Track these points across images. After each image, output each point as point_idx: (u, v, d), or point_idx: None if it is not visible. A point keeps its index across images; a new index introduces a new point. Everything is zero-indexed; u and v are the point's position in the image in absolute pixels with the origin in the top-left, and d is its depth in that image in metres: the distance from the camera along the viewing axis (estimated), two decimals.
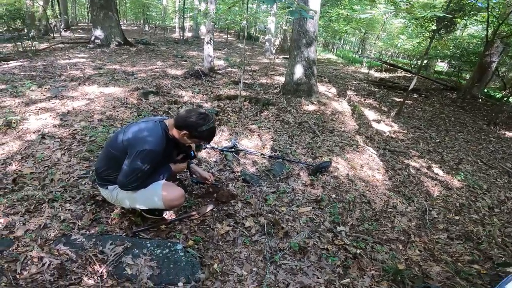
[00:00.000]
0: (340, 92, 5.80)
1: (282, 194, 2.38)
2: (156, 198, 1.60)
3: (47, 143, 2.51)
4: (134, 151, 1.46)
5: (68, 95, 3.71)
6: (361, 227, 2.16)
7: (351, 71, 9.14)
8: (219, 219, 1.99)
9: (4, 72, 4.70)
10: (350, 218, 2.23)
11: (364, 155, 3.29)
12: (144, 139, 1.49)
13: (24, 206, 1.77)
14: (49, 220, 1.70)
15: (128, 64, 6.02)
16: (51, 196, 1.88)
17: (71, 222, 1.72)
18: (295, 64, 4.52)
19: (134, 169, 1.48)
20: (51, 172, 2.13)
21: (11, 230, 1.60)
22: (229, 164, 2.65)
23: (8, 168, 2.13)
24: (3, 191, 1.90)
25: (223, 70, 6.46)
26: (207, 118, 1.56)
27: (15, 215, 1.70)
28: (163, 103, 3.70)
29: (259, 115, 3.83)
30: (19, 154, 2.32)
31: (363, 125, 4.17)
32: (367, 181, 2.82)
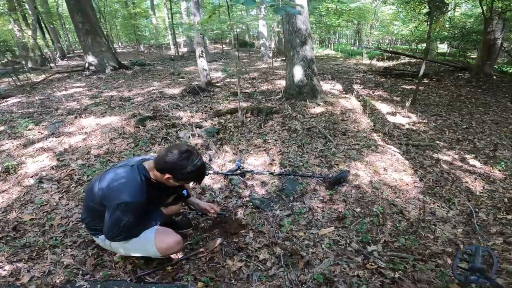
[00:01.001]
0: (346, 88, 5.53)
1: (298, 216, 2.14)
2: (150, 248, 1.47)
3: (45, 187, 2.43)
4: (112, 205, 1.31)
5: (65, 131, 3.60)
6: (396, 243, 1.88)
7: (352, 64, 8.83)
8: (229, 254, 1.79)
9: (2, 111, 4.66)
10: (381, 234, 1.96)
11: (385, 155, 3.01)
12: (120, 191, 1.32)
13: (26, 253, 1.77)
14: (53, 266, 1.67)
15: (125, 89, 5.92)
16: (52, 242, 1.86)
17: (75, 267, 1.67)
18: (293, 66, 4.30)
19: (116, 223, 1.34)
20: (50, 218, 2.10)
21: (17, 277, 1.59)
22: (236, 189, 2.44)
23: (8, 216, 2.13)
24: (5, 239, 1.92)
25: (221, 82, 6.30)
26: (191, 156, 1.36)
27: (19, 262, 1.70)
28: (160, 128, 3.53)
29: (263, 126, 3.61)
30: (18, 201, 2.30)
31: (378, 120, 3.88)
32: (395, 186, 2.52)
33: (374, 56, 10.19)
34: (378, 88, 5.61)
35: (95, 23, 8.02)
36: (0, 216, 2.12)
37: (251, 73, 7.31)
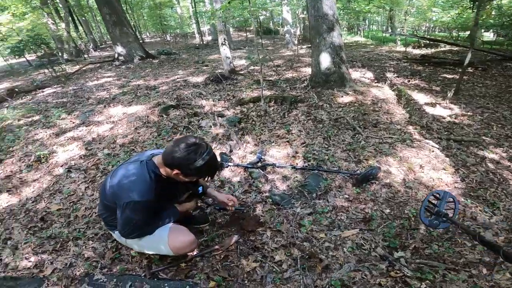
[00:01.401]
0: (377, 76, 5.12)
1: (320, 216, 2.00)
2: (163, 247, 1.44)
3: (73, 176, 2.52)
4: (121, 203, 1.27)
5: (94, 121, 3.73)
6: (427, 250, 1.69)
7: (385, 52, 8.18)
8: (244, 254, 1.72)
9: (38, 101, 4.97)
10: (411, 240, 1.77)
11: (422, 151, 2.72)
12: (128, 189, 1.27)
13: (51, 244, 1.83)
14: (74, 259, 1.72)
15: (151, 78, 6.03)
16: (75, 234, 1.91)
17: (94, 260, 1.70)
18: (319, 53, 4.03)
19: (127, 221, 1.31)
20: (76, 208, 2.16)
21: (41, 269, 1.66)
22: (256, 184, 2.33)
23: (38, 206, 2.22)
24: (33, 229, 1.99)
25: (245, 70, 6.16)
26: (199, 149, 1.26)
27: (44, 253, 1.76)
28: (183, 117, 3.51)
29: (287, 116, 3.44)
30: (48, 190, 2.40)
31: (415, 111, 3.52)
32: (432, 187, 2.26)
33: (409, 44, 9.38)
34: (415, 77, 5.11)
35: (122, 14, 8.19)
36: (31, 205, 2.23)
37: (275, 61, 7.07)
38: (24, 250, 1.78)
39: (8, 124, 3.86)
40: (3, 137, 3.38)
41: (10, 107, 4.67)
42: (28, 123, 3.87)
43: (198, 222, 1.90)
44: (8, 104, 4.99)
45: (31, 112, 4.30)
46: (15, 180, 2.53)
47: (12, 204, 2.24)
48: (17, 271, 1.64)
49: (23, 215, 2.11)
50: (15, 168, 2.72)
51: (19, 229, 1.97)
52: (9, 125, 3.82)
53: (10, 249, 1.80)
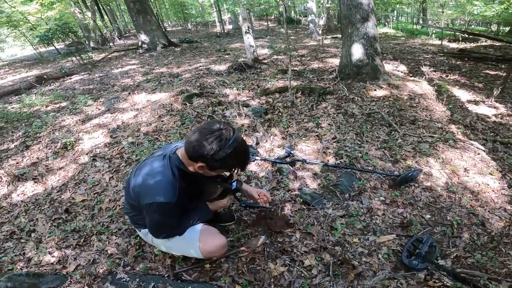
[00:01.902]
0: (412, 70, 4.74)
1: (353, 219, 1.86)
2: (193, 250, 1.33)
3: (98, 165, 2.50)
4: (144, 204, 1.15)
5: (119, 108, 3.73)
6: (470, 259, 1.56)
7: (418, 44, 7.62)
8: (272, 256, 1.63)
9: (66, 88, 5.08)
10: (454, 248, 1.64)
11: (467, 152, 2.46)
12: (150, 190, 1.13)
13: (75, 238, 1.80)
14: (97, 255, 1.67)
15: (174, 65, 6.00)
16: (99, 228, 1.86)
17: (117, 257, 1.65)
18: (351, 44, 3.77)
19: (154, 223, 1.21)
20: (100, 200, 2.12)
21: (64, 265, 1.62)
22: (284, 180, 2.20)
23: (63, 196, 2.20)
24: (57, 221, 1.96)
25: (268, 59, 5.95)
26: (224, 135, 1.04)
27: (67, 248, 1.73)
28: (207, 105, 3.41)
29: (316, 108, 3.24)
30: (73, 179, 2.38)
31: (457, 109, 3.21)
32: (477, 192, 2.05)
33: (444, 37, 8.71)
34: (454, 72, 4.68)
35: (145, 2, 8.19)
36: (56, 195, 2.21)
37: (299, 50, 6.79)
38: (48, 244, 1.76)
39: (36, 110, 3.95)
40: (30, 122, 3.45)
41: (39, 93, 4.79)
42: (56, 109, 3.94)
43: (224, 219, 1.80)
44: (36, 90, 5.13)
45: (58, 98, 4.38)
46: (41, 167, 2.55)
47: (37, 193, 2.24)
48: (40, 267, 1.61)
49: (48, 206, 2.10)
50: (41, 155, 2.74)
51: (43, 220, 1.96)
52: (37, 111, 3.90)
53: (34, 242, 1.78)
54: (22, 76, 7.42)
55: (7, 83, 6.68)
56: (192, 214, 1.35)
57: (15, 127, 3.45)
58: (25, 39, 11.71)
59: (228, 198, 1.48)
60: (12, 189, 2.28)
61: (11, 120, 3.65)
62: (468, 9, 10.08)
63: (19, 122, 3.58)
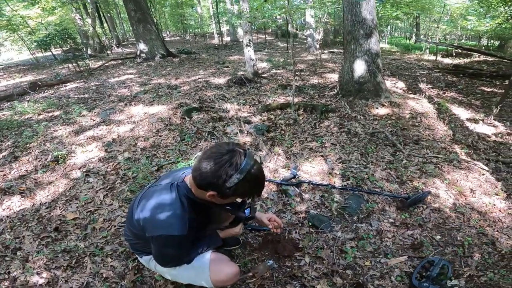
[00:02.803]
0: (410, 87, 4.79)
1: (363, 241, 1.80)
2: (203, 280, 1.21)
3: (91, 181, 2.35)
4: (150, 236, 1.05)
5: (115, 119, 3.60)
6: (483, 277, 1.55)
7: (413, 60, 7.80)
8: (281, 282, 1.54)
9: (60, 96, 4.92)
10: (466, 268, 1.62)
11: (471, 173, 2.43)
12: (159, 223, 1.03)
13: (66, 259, 1.66)
14: (91, 278, 1.55)
15: (172, 77, 5.93)
16: (92, 249, 1.74)
17: (114, 281, 1.53)
18: (354, 60, 3.78)
19: (161, 255, 1.12)
20: (93, 219, 1.97)
21: (54, 287, 1.50)
22: (290, 203, 2.12)
23: (52, 213, 2.05)
24: (46, 240, 1.82)
25: (267, 73, 5.95)
26: (235, 158, 0.92)
27: (57, 269, 1.60)
28: (207, 121, 3.33)
29: (318, 126, 3.19)
30: (64, 195, 2.23)
31: (458, 128, 3.21)
32: (485, 212, 2.04)
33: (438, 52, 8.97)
34: (450, 89, 4.76)
35: (146, 11, 8.21)
36: (44, 212, 2.06)
37: (298, 65, 6.84)
38: (35, 264, 1.62)
39: (28, 118, 3.79)
40: (21, 132, 3.29)
41: (31, 101, 4.63)
42: (48, 118, 3.79)
43: (229, 244, 1.68)
44: (30, 97, 4.97)
45: (52, 107, 4.23)
46: (30, 181, 2.39)
47: (24, 209, 2.09)
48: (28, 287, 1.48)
49: (36, 223, 1.95)
50: (30, 167, 2.59)
51: (30, 238, 1.81)
52: (28, 119, 3.75)
53: (20, 261, 1.63)
54: (16, 81, 7.23)
55: (0, 88, 6.49)
56: (202, 242, 1.23)
57: (4, 136, 3.30)
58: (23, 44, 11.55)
59: (240, 226, 1.36)
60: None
61: (0, 128, 3.49)
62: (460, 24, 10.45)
63: (9, 131, 3.42)
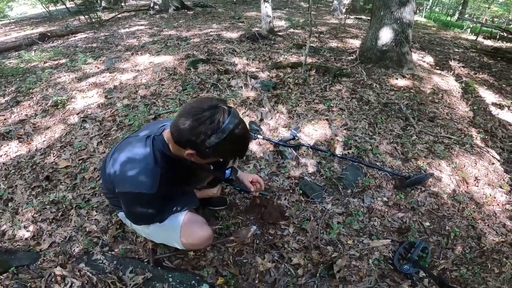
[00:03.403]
0: (439, 63, 4.34)
1: (351, 218, 1.74)
2: (174, 239, 1.18)
3: (87, 127, 2.33)
4: (119, 192, 0.99)
5: (119, 67, 3.51)
6: (455, 272, 1.52)
7: (449, 37, 7.01)
8: (260, 250, 1.53)
9: (68, 45, 4.82)
10: (443, 260, 1.59)
11: (482, 160, 2.25)
12: (127, 179, 0.95)
13: (52, 211, 1.68)
14: (75, 232, 1.56)
15: (184, 29, 5.65)
16: (79, 201, 1.74)
17: (96, 236, 1.54)
18: (380, 27, 3.41)
19: (129, 213, 1.06)
20: (84, 168, 1.96)
21: (38, 241, 1.53)
22: (285, 166, 2.04)
23: (46, 160, 2.05)
24: (36, 190, 1.83)
25: (284, 32, 5.54)
26: (217, 115, 0.82)
27: (44, 222, 1.62)
28: (212, 73, 3.17)
29: (329, 89, 2.97)
30: (59, 141, 2.22)
31: (480, 111, 2.93)
32: (482, 204, 1.93)
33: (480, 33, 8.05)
34: (483, 71, 4.28)
35: None
36: (39, 159, 2.05)
37: (318, 27, 6.31)
38: (24, 216, 1.65)
39: (34, 66, 3.75)
40: (25, 78, 3.27)
41: (38, 50, 4.56)
42: (54, 66, 3.73)
43: (215, 203, 1.66)
44: (38, 47, 4.89)
45: (58, 55, 4.16)
46: (28, 126, 2.38)
47: (20, 155, 2.10)
48: (14, 242, 1.51)
49: (29, 170, 1.96)
50: (30, 112, 2.58)
51: (22, 188, 1.83)
52: (34, 67, 3.71)
53: (10, 213, 1.67)
54: (26, 33, 7.12)
55: (10, 39, 6.43)
56: (176, 201, 1.17)
57: (8, 82, 3.29)
58: None
59: (218, 187, 1.30)
60: None
61: (5, 75, 3.48)
62: None
63: (14, 77, 3.41)
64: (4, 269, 1.33)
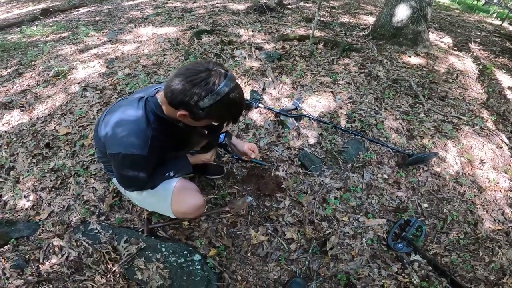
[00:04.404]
0: (457, 44, 4.08)
1: (349, 194, 1.71)
2: (164, 206, 1.16)
3: (88, 95, 2.31)
4: (109, 153, 0.97)
5: (122, 39, 3.43)
6: (446, 258, 1.52)
7: (473, 20, 6.55)
8: (254, 222, 1.53)
9: (71, 19, 4.73)
10: (436, 244, 1.56)
11: (490, 143, 2.17)
12: (117, 139, 0.94)
13: (52, 180, 1.69)
14: (73, 200, 1.58)
15: (189, 0, 5.44)
16: (78, 168, 1.74)
17: (93, 205, 1.55)
18: (397, 3, 3.20)
19: (121, 175, 1.04)
20: (83, 135, 1.96)
21: (38, 211, 1.55)
22: (285, 136, 1.99)
23: (47, 127, 2.05)
24: (37, 158, 1.83)
25: (293, 5, 5.29)
26: (212, 77, 0.81)
27: (43, 191, 1.64)
28: (216, 43, 3.08)
29: (336, 63, 2.85)
30: (59, 109, 2.21)
31: (495, 94, 2.77)
32: (484, 189, 1.87)
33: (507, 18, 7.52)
34: (504, 55, 4.01)
35: None
36: (40, 126, 2.05)
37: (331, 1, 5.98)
38: (24, 185, 1.66)
39: (36, 40, 3.70)
40: (27, 52, 3.23)
41: (41, 25, 4.48)
42: (56, 39, 3.67)
43: (212, 172, 1.65)
44: (40, 22, 4.81)
45: (60, 29, 4.08)
46: (30, 95, 2.37)
47: (22, 123, 2.10)
48: (15, 212, 1.53)
49: (30, 138, 1.96)
50: (32, 82, 2.56)
51: (23, 156, 1.83)
52: (36, 41, 3.66)
53: (12, 182, 1.68)
54: (28, 9, 6.95)
55: (12, 16, 6.31)
56: (168, 166, 1.15)
57: (11, 56, 3.26)
58: None
59: (212, 153, 1.27)
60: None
61: (7, 49, 3.45)
62: None
63: (16, 51, 3.38)
64: (5, 241, 1.35)
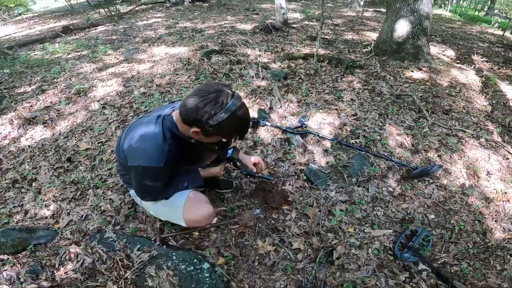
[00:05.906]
0: (460, 56, 4.16)
1: (354, 206, 1.75)
2: (177, 216, 1.27)
3: (106, 113, 2.47)
4: (130, 166, 1.09)
5: (137, 58, 3.65)
6: (456, 267, 1.50)
7: (475, 32, 6.66)
8: (262, 233, 1.58)
9: (90, 38, 5.04)
10: (445, 254, 1.56)
11: (496, 155, 2.19)
12: (137, 152, 1.06)
13: (72, 191, 1.78)
14: (91, 211, 1.65)
15: (199, 21, 5.73)
16: (97, 181, 1.84)
17: (109, 215, 1.63)
18: (397, 19, 3.33)
19: (139, 186, 1.15)
20: (102, 150, 2.09)
21: (57, 219, 1.61)
22: (291, 153, 2.08)
23: (68, 143, 2.19)
24: (59, 171, 1.94)
25: (298, 24, 5.49)
26: (221, 97, 0.93)
27: (63, 201, 1.72)
28: (225, 63, 3.24)
29: (340, 80, 2.96)
30: (80, 126, 2.36)
31: (499, 106, 2.82)
32: (492, 199, 1.88)
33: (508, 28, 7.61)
34: (507, 65, 4.07)
35: None
36: (62, 141, 2.19)
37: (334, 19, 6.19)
38: (46, 196, 1.74)
39: (58, 57, 3.96)
40: (50, 69, 3.46)
41: (62, 42, 4.78)
42: (76, 57, 3.92)
43: (222, 186, 1.74)
44: (61, 39, 5.14)
45: (80, 47, 4.36)
46: (53, 112, 2.54)
47: (45, 138, 2.24)
48: (35, 220, 1.60)
49: (53, 152, 2.08)
50: (55, 100, 2.74)
51: (46, 169, 1.94)
52: (58, 58, 3.92)
53: (34, 193, 1.77)
54: (50, 26, 7.43)
55: (34, 32, 6.74)
56: (182, 178, 1.27)
57: (34, 72, 3.48)
58: None
59: (221, 166, 1.39)
60: (22, 133, 2.30)
61: (31, 66, 3.69)
62: None
63: (39, 68, 3.61)
64: (23, 247, 1.40)
